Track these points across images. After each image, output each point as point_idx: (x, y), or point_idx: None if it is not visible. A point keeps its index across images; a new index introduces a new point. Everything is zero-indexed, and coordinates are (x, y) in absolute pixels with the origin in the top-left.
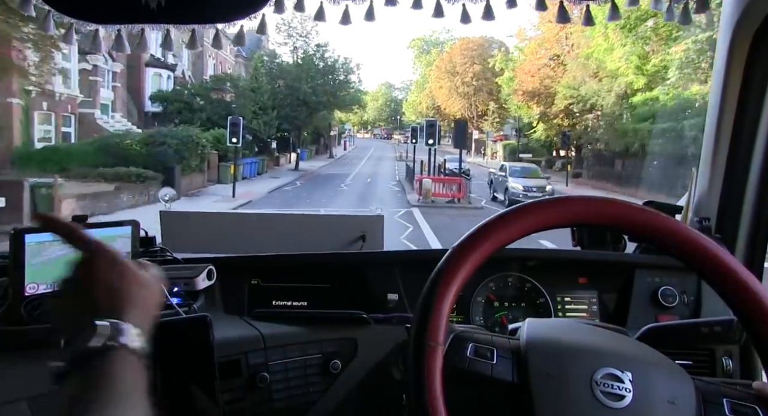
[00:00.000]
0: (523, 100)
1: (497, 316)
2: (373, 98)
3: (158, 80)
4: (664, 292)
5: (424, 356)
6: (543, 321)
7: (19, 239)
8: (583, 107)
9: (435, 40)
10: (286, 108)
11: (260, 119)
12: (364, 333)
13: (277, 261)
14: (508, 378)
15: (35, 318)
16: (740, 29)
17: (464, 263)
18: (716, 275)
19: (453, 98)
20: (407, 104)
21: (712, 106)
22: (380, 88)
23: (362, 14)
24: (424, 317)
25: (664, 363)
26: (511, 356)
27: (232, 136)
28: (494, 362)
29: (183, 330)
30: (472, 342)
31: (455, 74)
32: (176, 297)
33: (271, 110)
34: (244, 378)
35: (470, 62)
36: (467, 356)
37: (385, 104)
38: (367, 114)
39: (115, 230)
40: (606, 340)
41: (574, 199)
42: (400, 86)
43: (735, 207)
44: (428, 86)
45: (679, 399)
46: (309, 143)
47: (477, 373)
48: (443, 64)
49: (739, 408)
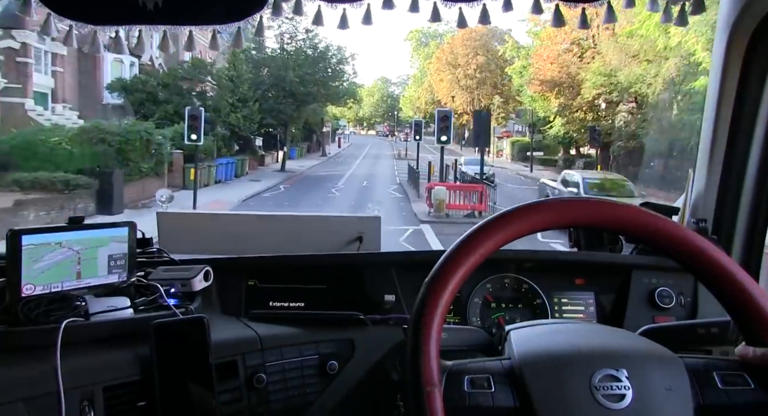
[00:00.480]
0: (540, 91)
1: (494, 317)
2: (369, 94)
3: (119, 67)
4: (660, 293)
5: (424, 402)
6: (527, 331)
7: (16, 240)
8: (618, 96)
9: (434, 32)
10: (270, 100)
11: (239, 112)
12: (361, 333)
13: (275, 262)
14: (510, 403)
15: (32, 319)
16: (737, 31)
17: (443, 293)
18: (713, 277)
19: (455, 92)
20: (404, 100)
21: (708, 107)
22: (376, 83)
23: (360, 18)
24: (416, 364)
25: (653, 351)
26: (507, 380)
27: (191, 132)
28: (493, 390)
29: (180, 331)
30: (466, 374)
31: (457, 66)
32: (173, 298)
33: (252, 102)
34: (241, 379)
35: (473, 53)
36: (465, 390)
37: (381, 99)
38: (363, 110)
39: (111, 231)
40: (594, 339)
41: (569, 201)
42: (397, 81)
43: (731, 209)
44: (427, 80)
45: (674, 384)
46: (300, 140)
47: (478, 406)
48: (444, 56)
49: (729, 378)
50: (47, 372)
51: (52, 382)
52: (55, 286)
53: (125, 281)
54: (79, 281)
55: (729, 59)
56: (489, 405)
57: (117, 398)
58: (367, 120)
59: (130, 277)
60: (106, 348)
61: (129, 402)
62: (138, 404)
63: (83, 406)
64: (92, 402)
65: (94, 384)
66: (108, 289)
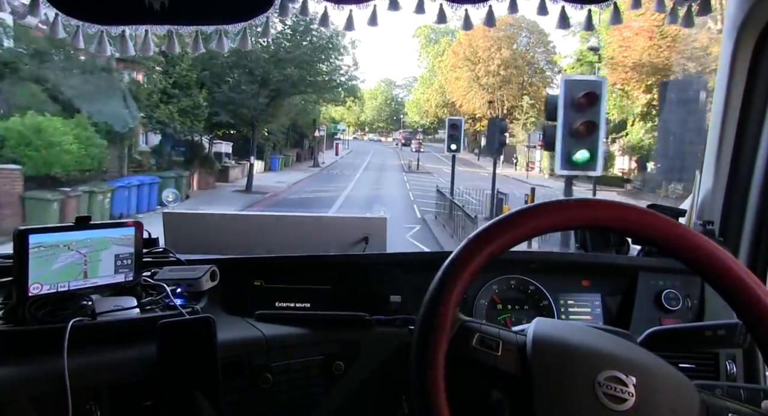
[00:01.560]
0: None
1: (501, 318)
2: (372, 96)
3: None
4: (667, 295)
5: (430, 335)
6: (551, 321)
7: (23, 239)
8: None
9: (444, 28)
10: (229, 87)
11: (174, 103)
12: (366, 334)
13: (281, 263)
14: (512, 370)
15: (39, 318)
16: (744, 32)
17: (479, 253)
18: (720, 279)
19: (473, 92)
20: (410, 103)
21: (715, 109)
22: (379, 85)
23: (366, 19)
24: (437, 297)
25: (670, 373)
26: (516, 350)
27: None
28: (499, 354)
29: (186, 331)
30: (478, 332)
31: (477, 62)
32: (179, 298)
33: (196, 90)
34: (246, 379)
35: (496, 46)
36: (473, 346)
37: (385, 102)
38: (365, 113)
39: (118, 231)
40: (613, 344)
41: (576, 202)
42: (402, 83)
43: (738, 211)
44: (437, 81)
45: (681, 410)
46: (285, 146)
47: (481, 363)
48: (461, 50)
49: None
50: (54, 372)
51: (59, 381)
52: (62, 286)
53: (132, 281)
54: (85, 280)
55: (736, 60)
56: (491, 366)
57: (123, 397)
58: (369, 124)
59: (136, 277)
60: (112, 348)
61: (135, 402)
62: (144, 403)
63: (90, 405)
64: (99, 401)
65: (101, 383)
66: (115, 289)
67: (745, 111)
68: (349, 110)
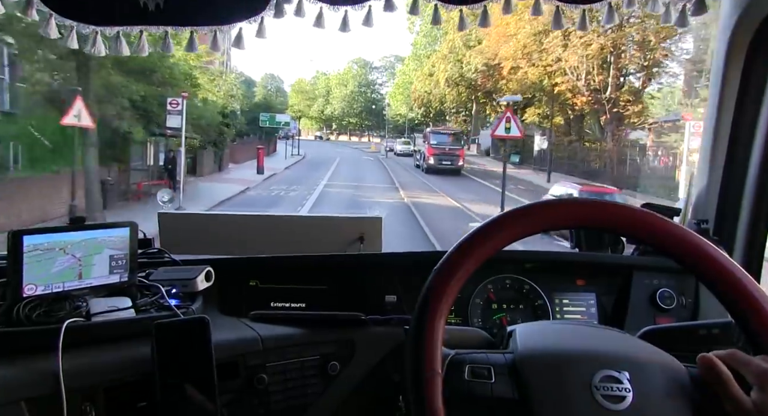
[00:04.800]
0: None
1: (496, 318)
2: (340, 83)
3: None
4: (662, 294)
5: (423, 387)
6: (534, 328)
7: (17, 240)
8: None
9: None
10: None
11: None
12: (362, 334)
13: (276, 263)
14: (509, 394)
15: (33, 319)
16: (738, 31)
17: (451, 281)
18: (714, 278)
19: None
20: (395, 88)
21: (710, 107)
22: (350, 67)
23: (360, 20)
24: (418, 348)
25: (657, 357)
26: (508, 372)
27: None
28: (493, 381)
29: (181, 332)
30: (468, 363)
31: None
32: (174, 299)
33: None
34: (242, 380)
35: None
36: (465, 378)
37: (358, 91)
38: (332, 106)
39: (112, 232)
40: (599, 341)
41: (572, 201)
42: (381, 64)
43: (733, 209)
44: (435, 55)
45: (677, 392)
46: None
47: (477, 394)
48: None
49: None
50: (49, 373)
51: (54, 383)
52: (57, 286)
53: (126, 281)
54: (80, 281)
55: (730, 59)
56: (488, 396)
57: (118, 398)
58: (337, 120)
59: (131, 277)
60: (107, 349)
61: (130, 403)
62: (139, 404)
63: (85, 406)
64: (93, 403)
65: (96, 384)
66: (109, 289)
67: (740, 109)
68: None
